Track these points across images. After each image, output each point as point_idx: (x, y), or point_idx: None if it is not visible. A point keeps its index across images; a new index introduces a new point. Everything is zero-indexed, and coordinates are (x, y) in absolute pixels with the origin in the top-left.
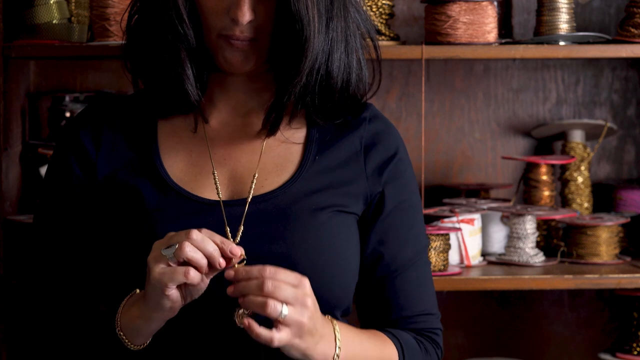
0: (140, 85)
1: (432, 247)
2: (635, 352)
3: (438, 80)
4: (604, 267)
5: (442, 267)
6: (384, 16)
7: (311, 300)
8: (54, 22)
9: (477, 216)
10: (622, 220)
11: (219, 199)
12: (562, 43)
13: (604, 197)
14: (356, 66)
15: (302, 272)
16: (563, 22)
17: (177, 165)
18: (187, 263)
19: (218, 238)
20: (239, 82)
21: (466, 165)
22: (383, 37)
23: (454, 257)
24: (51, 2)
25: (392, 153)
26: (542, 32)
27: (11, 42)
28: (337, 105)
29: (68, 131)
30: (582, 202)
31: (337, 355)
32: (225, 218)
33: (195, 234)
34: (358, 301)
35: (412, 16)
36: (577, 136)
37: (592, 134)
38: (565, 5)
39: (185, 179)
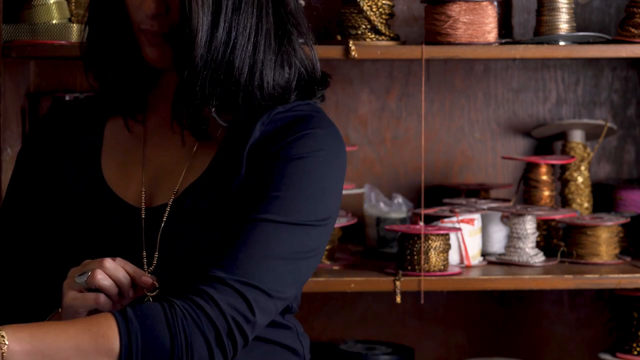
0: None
1: (432, 247)
2: (635, 352)
3: (438, 80)
4: (604, 267)
5: (442, 267)
6: (384, 16)
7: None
8: (53, 22)
9: (477, 216)
10: (622, 220)
11: (140, 203)
12: (562, 43)
13: (604, 197)
14: (275, 66)
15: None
16: (563, 22)
17: (110, 166)
18: (100, 290)
19: (130, 268)
20: (172, 81)
21: (466, 165)
22: (383, 37)
23: (454, 257)
24: (51, 2)
25: (269, 143)
26: (542, 32)
27: (11, 42)
28: (247, 103)
29: (26, 140)
30: (582, 202)
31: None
32: (151, 226)
33: (109, 262)
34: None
35: (412, 16)
36: (577, 136)
37: (592, 134)
38: (565, 5)
39: (114, 180)
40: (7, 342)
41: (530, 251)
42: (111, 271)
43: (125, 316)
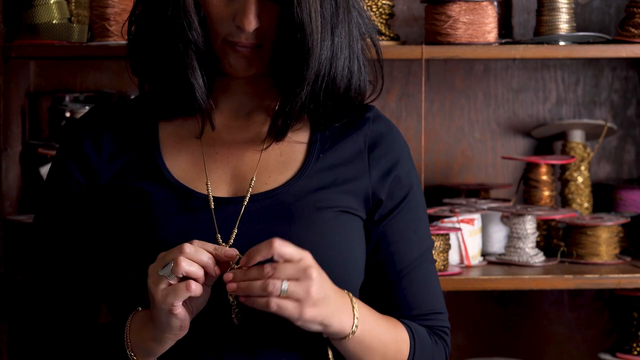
0: (145, 87)
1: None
2: (635, 352)
3: (438, 80)
4: (604, 267)
5: (442, 267)
6: (384, 16)
7: (316, 271)
8: (53, 22)
9: (477, 216)
10: (622, 220)
11: (220, 196)
12: (562, 43)
13: (604, 197)
14: (357, 69)
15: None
16: (563, 22)
17: (179, 165)
18: (186, 278)
19: (210, 246)
20: (240, 85)
21: (466, 165)
22: (383, 37)
23: (454, 257)
24: (51, 2)
25: (396, 156)
26: (542, 32)
27: (11, 42)
28: (339, 107)
29: (69, 136)
30: (582, 202)
31: (355, 329)
32: (225, 214)
33: (188, 247)
34: (365, 303)
35: (412, 16)
36: (577, 136)
37: (592, 134)
38: (565, 5)
39: (187, 177)
40: (357, 324)
41: (530, 251)
42: (193, 255)
43: (414, 337)
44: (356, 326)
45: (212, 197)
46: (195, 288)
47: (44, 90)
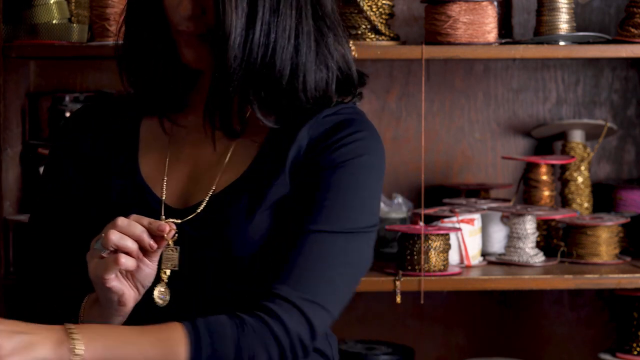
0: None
1: (432, 247)
2: (635, 352)
3: (438, 80)
4: (604, 267)
5: (442, 267)
6: (384, 16)
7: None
8: (53, 22)
9: (477, 216)
10: (622, 220)
11: (175, 199)
12: (562, 43)
13: (604, 197)
14: (311, 66)
15: (242, 270)
16: (563, 22)
17: (148, 163)
18: (120, 251)
19: (145, 220)
20: (209, 82)
21: (466, 165)
22: (383, 37)
23: (454, 257)
24: (51, 2)
25: (323, 143)
26: (542, 32)
27: (11, 42)
28: (291, 104)
29: (62, 131)
30: (582, 202)
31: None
32: (174, 217)
33: (121, 220)
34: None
35: (412, 16)
36: (577, 136)
37: (592, 134)
38: (565, 5)
39: (150, 176)
40: (82, 344)
41: (530, 251)
42: (125, 228)
43: (196, 331)
44: (82, 350)
45: (165, 198)
46: (125, 261)
47: (44, 90)
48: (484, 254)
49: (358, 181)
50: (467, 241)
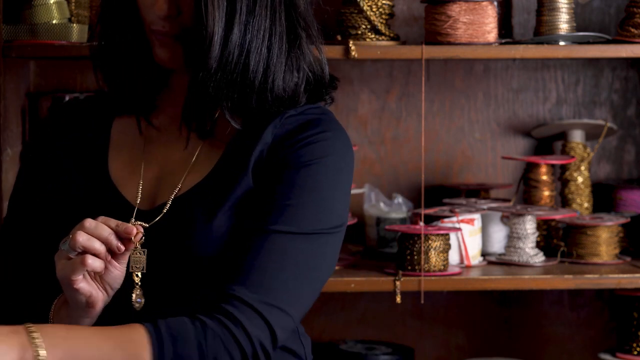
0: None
1: (432, 247)
2: (635, 352)
3: (438, 80)
4: (604, 267)
5: (442, 267)
6: (384, 16)
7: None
8: (53, 22)
9: (477, 216)
10: (622, 220)
11: (144, 200)
12: (562, 43)
13: (604, 197)
14: (281, 67)
15: (206, 271)
16: (563, 22)
17: (117, 164)
18: (87, 253)
19: (113, 222)
20: (181, 82)
21: (466, 165)
22: (383, 37)
23: (454, 257)
24: (51, 2)
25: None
26: (542, 32)
27: (11, 42)
28: (259, 105)
29: (35, 138)
30: (582, 202)
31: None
32: (143, 218)
33: (89, 222)
34: None
35: (412, 16)
36: (577, 136)
37: (592, 134)
38: (565, 5)
39: (119, 177)
40: (43, 348)
41: (530, 251)
42: (92, 230)
43: (158, 334)
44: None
45: (129, 202)
46: (92, 262)
47: (44, 90)
48: (484, 254)
49: (322, 182)
50: (467, 241)
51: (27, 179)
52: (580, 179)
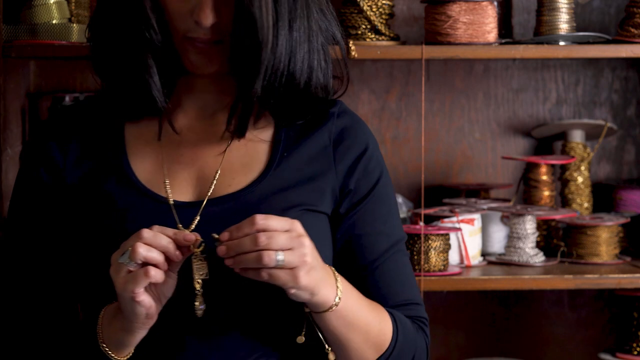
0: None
1: (432, 247)
2: (635, 352)
3: (438, 80)
4: (604, 267)
5: (442, 267)
6: (384, 16)
7: (308, 240)
8: (53, 22)
9: (477, 216)
10: (622, 220)
11: (184, 200)
12: (562, 43)
13: (604, 197)
14: (318, 64)
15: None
16: (563, 22)
17: (144, 168)
18: (147, 264)
19: (170, 231)
20: (205, 84)
21: (466, 165)
22: (383, 37)
23: (454, 257)
24: (51, 2)
25: (362, 148)
26: (542, 32)
27: (11, 42)
28: (301, 104)
29: (35, 141)
30: (582, 202)
31: (338, 301)
32: (187, 218)
33: (146, 232)
34: None
35: (412, 16)
36: (577, 136)
37: (592, 134)
38: (565, 5)
39: (152, 180)
40: (340, 296)
41: (530, 251)
42: (152, 240)
43: (397, 321)
44: (339, 298)
45: (174, 200)
46: (155, 274)
47: (44, 90)
48: (484, 254)
49: (390, 184)
50: (467, 241)
51: (30, 186)
52: (580, 179)
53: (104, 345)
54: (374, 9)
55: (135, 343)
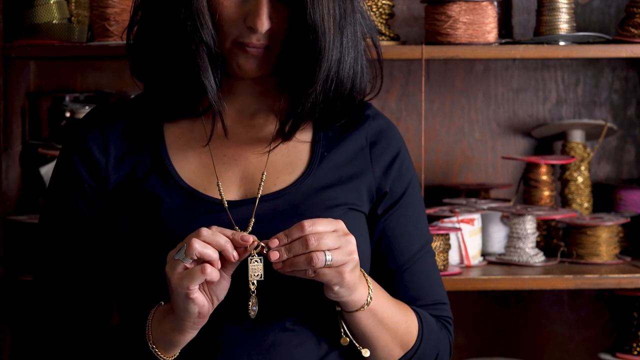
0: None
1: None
2: (635, 352)
3: (438, 80)
4: (604, 267)
5: (442, 267)
6: (384, 16)
7: (353, 238)
8: (54, 22)
9: (477, 216)
10: (622, 220)
11: (231, 199)
12: (562, 43)
13: (604, 197)
14: (360, 69)
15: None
16: (563, 22)
17: (188, 168)
18: (203, 262)
19: (228, 232)
20: (245, 86)
21: (466, 165)
22: (383, 37)
23: (454, 257)
24: (51, 2)
25: (396, 151)
26: (542, 32)
27: (11, 42)
28: (343, 107)
29: (74, 138)
30: (582, 202)
31: (369, 300)
32: (237, 217)
33: (205, 230)
34: None
35: (412, 16)
36: (577, 136)
37: (592, 134)
38: (565, 5)
39: (197, 181)
40: (372, 295)
41: (530, 251)
42: (209, 238)
43: (422, 320)
44: (370, 297)
45: (220, 200)
46: (211, 271)
47: (44, 90)
48: (484, 254)
49: (418, 186)
50: (467, 241)
51: (74, 184)
52: (580, 179)
53: (154, 347)
54: (374, 9)
55: (185, 343)
